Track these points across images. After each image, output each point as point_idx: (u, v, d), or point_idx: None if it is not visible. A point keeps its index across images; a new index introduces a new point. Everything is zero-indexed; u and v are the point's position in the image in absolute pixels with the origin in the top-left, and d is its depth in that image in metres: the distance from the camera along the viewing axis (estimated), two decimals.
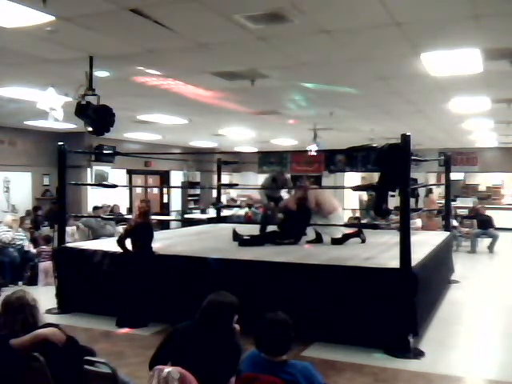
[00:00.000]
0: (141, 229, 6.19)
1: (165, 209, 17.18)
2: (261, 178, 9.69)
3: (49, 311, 6.42)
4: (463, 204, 16.22)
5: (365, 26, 4.71)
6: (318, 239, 7.47)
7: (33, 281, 8.58)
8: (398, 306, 5.13)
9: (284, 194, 8.93)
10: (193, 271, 6.07)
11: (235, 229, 7.95)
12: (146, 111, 9.75)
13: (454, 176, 12.52)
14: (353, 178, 18.20)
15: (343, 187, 15.73)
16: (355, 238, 7.40)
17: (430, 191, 15.69)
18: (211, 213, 14.84)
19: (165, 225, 14.11)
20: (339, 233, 7.28)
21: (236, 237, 7.63)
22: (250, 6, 4.22)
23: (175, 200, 17.40)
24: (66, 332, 3.09)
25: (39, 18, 4.37)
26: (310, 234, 7.66)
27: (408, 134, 5.39)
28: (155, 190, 17.39)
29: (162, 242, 7.50)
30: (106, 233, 10.60)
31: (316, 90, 7.60)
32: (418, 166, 14.02)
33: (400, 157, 5.37)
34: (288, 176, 9.03)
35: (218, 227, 10.22)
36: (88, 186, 12.91)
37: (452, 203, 12.36)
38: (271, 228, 7.98)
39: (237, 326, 2.98)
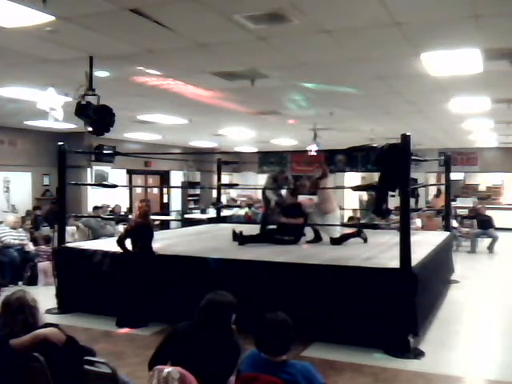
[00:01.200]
0: (140, 229, 6.18)
1: (165, 209, 17.19)
2: (261, 178, 9.64)
3: (49, 311, 6.41)
4: (463, 204, 16.21)
5: (365, 26, 4.71)
6: (317, 238, 7.47)
7: (33, 281, 8.58)
8: (398, 306, 5.13)
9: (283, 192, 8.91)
10: (193, 271, 6.07)
11: (235, 229, 7.93)
12: (145, 111, 9.75)
13: (454, 176, 12.51)
14: (353, 178, 18.19)
15: (343, 187, 15.73)
16: (355, 238, 7.39)
17: (439, 191, 15.67)
18: (211, 213, 14.84)
19: (165, 225, 14.12)
20: (337, 233, 7.28)
21: (236, 237, 7.63)
22: (250, 5, 4.22)
23: (175, 200, 17.40)
24: (66, 332, 3.09)
25: (39, 17, 4.37)
26: (310, 234, 7.66)
27: (408, 134, 5.39)
28: (155, 190, 17.39)
29: (162, 241, 7.50)
30: (106, 233, 10.60)
31: (316, 90, 7.60)
32: (418, 166, 14.02)
33: (400, 157, 5.37)
34: (289, 175, 8.99)
35: (218, 227, 10.22)
36: (88, 186, 12.91)
37: (452, 203, 12.36)
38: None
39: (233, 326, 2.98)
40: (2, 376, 2.84)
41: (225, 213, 13.06)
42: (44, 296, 5.74)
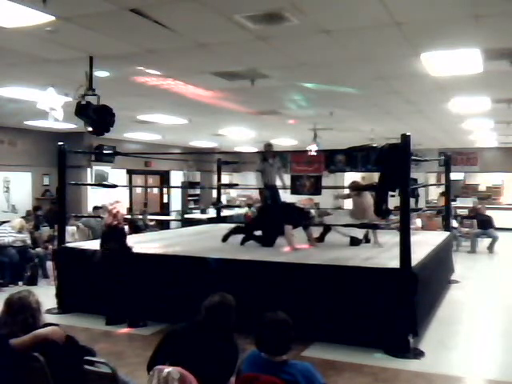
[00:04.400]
0: (111, 230, 6.16)
1: (165, 209, 17.19)
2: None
3: (49, 311, 6.41)
4: (463, 204, 16.21)
5: (365, 26, 4.71)
6: (320, 239, 7.46)
7: (33, 281, 8.58)
8: (398, 306, 5.13)
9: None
10: (193, 271, 6.07)
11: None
12: (146, 111, 9.75)
13: (454, 176, 12.51)
14: (353, 178, 18.18)
15: (343, 187, 15.73)
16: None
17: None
18: (211, 213, 14.84)
19: (165, 225, 14.12)
20: (360, 234, 7.24)
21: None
22: (250, 5, 4.22)
23: (175, 200, 17.40)
24: (66, 332, 3.09)
25: (39, 17, 4.37)
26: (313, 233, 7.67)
27: (408, 134, 5.39)
28: (155, 190, 17.39)
29: (162, 241, 7.51)
30: None
31: (316, 90, 7.60)
32: (418, 166, 14.02)
33: (400, 157, 5.37)
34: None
35: (218, 227, 10.21)
36: (88, 186, 12.91)
37: (452, 203, 12.36)
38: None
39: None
40: (2, 376, 2.84)
41: (225, 213, 13.05)
42: (44, 296, 5.74)
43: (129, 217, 12.06)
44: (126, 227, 6.60)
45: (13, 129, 11.99)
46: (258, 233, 7.41)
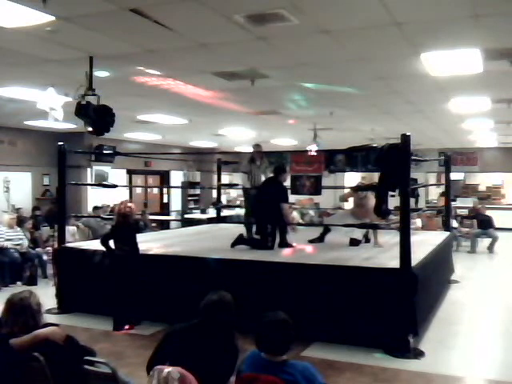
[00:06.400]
0: (120, 229, 6.15)
1: (165, 209, 17.19)
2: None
3: (49, 311, 6.41)
4: (463, 204, 16.21)
5: (365, 26, 4.71)
6: (320, 239, 7.45)
7: (32, 281, 8.57)
8: (398, 306, 5.13)
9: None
10: (193, 271, 6.07)
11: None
12: (145, 111, 9.75)
13: (454, 176, 12.51)
14: (353, 177, 18.17)
15: (343, 187, 15.73)
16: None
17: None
18: (211, 213, 14.84)
19: (165, 225, 14.12)
20: (361, 235, 7.20)
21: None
22: (250, 6, 4.22)
23: (175, 200, 17.41)
24: (66, 332, 3.09)
25: (39, 17, 4.37)
26: (313, 233, 7.65)
27: (408, 134, 5.39)
28: (155, 190, 17.39)
29: (162, 242, 7.50)
30: None
31: (316, 90, 7.60)
32: (418, 166, 14.02)
33: (400, 157, 5.37)
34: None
35: (218, 227, 10.22)
36: (88, 186, 12.91)
37: (452, 203, 12.37)
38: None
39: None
40: (2, 376, 2.84)
41: (225, 213, 13.05)
42: (44, 296, 5.73)
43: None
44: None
45: (13, 129, 11.99)
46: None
